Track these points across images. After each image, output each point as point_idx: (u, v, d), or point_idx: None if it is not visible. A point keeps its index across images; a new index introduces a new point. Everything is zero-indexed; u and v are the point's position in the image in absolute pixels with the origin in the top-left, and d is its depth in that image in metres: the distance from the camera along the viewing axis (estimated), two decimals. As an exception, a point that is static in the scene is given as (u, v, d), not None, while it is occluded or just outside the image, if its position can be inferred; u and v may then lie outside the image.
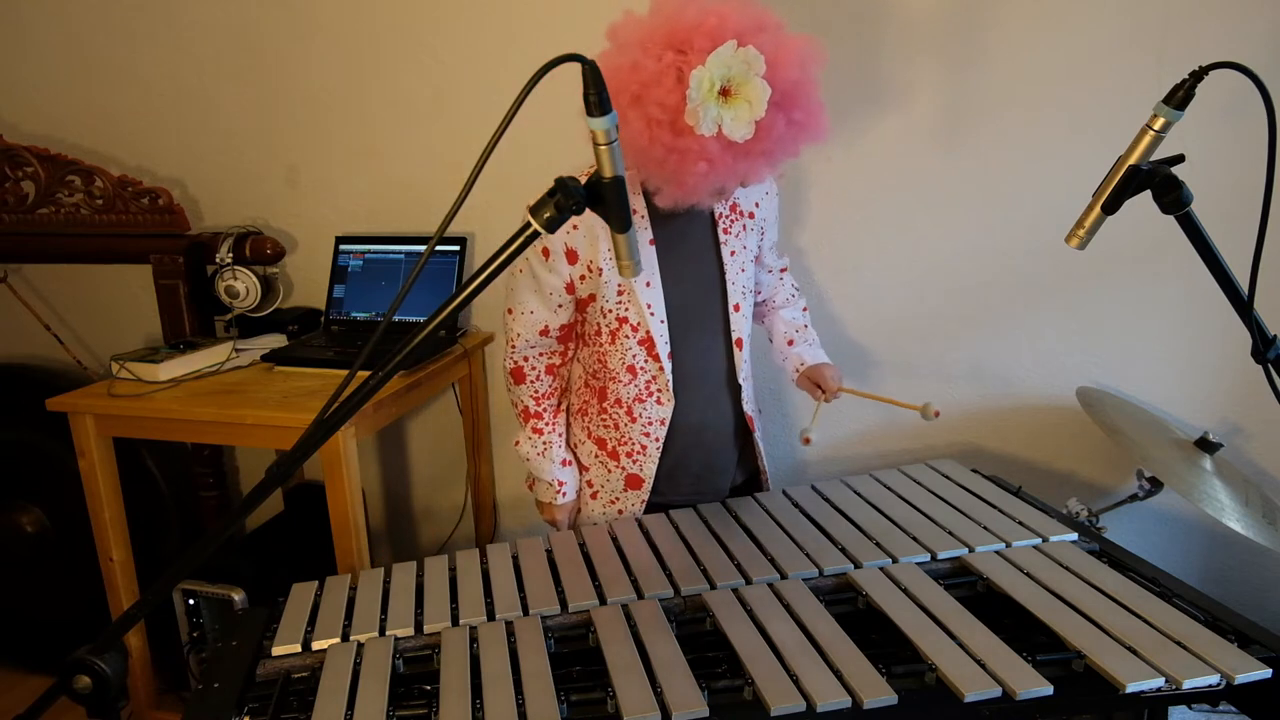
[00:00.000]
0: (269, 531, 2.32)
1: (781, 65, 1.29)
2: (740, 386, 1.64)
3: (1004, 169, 1.95)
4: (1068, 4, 1.84)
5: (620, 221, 1.05)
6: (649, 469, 1.62)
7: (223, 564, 2.03)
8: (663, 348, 1.54)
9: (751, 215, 1.60)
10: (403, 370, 1.94)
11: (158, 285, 2.25)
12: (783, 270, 1.82)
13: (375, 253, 2.24)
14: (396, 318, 2.19)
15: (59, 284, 2.59)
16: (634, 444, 1.61)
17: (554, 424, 1.67)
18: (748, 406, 1.66)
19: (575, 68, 0.94)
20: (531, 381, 1.64)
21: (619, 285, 1.51)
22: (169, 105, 2.38)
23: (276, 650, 1.27)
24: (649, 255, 1.52)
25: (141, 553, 2.07)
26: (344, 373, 1.53)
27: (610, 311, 1.54)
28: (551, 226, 0.98)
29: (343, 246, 2.26)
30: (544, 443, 1.66)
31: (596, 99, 0.94)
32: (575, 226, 1.49)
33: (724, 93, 1.26)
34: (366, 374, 0.98)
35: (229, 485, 2.50)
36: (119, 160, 2.44)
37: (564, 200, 0.97)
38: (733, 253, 1.58)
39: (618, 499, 1.65)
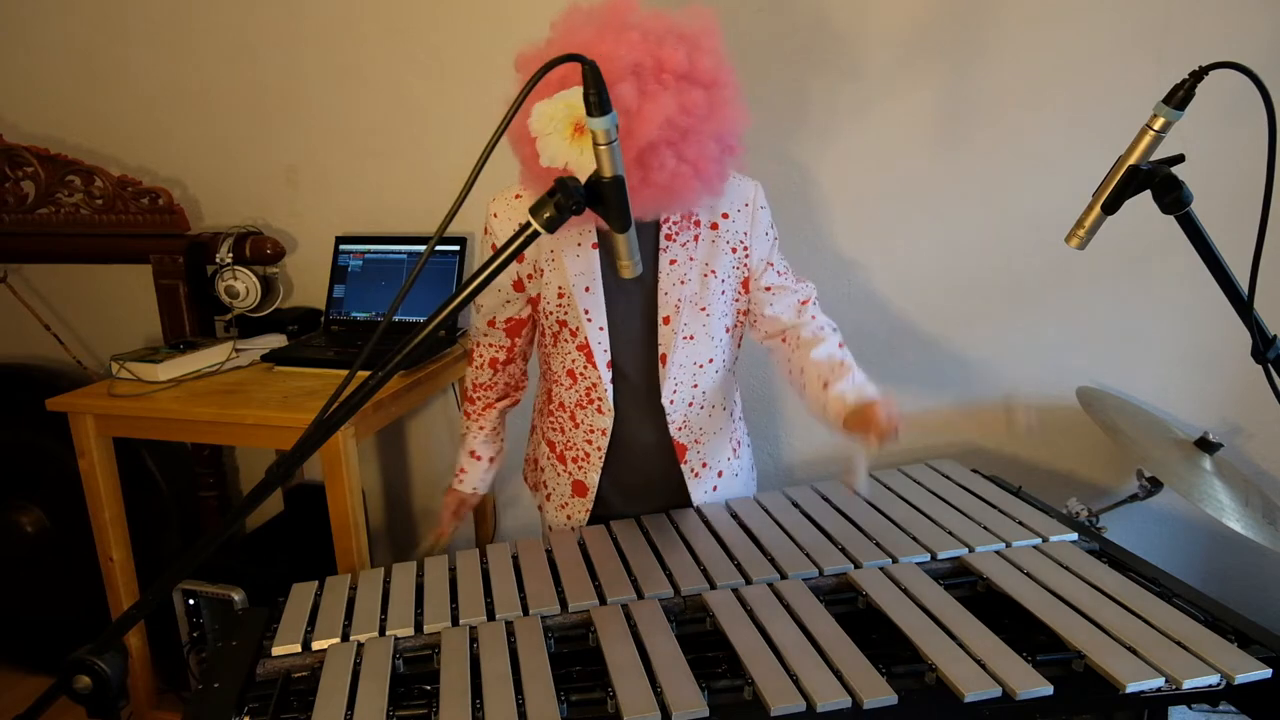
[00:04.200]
0: (269, 531, 2.32)
1: (641, 120, 1.20)
2: (663, 409, 1.52)
3: (1004, 169, 1.95)
4: (1068, 4, 1.84)
5: (620, 221, 1.04)
6: (593, 477, 1.57)
7: (223, 564, 2.03)
8: (600, 356, 1.48)
9: (714, 226, 1.48)
10: (403, 370, 1.94)
11: (158, 285, 2.25)
12: (803, 303, 1.56)
13: (375, 253, 2.24)
14: (396, 318, 2.19)
15: (59, 284, 2.59)
16: (578, 449, 1.58)
17: (481, 415, 1.66)
18: (676, 433, 1.54)
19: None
20: (476, 368, 1.65)
21: (559, 288, 1.47)
22: (169, 105, 2.38)
23: (276, 650, 1.27)
24: (591, 260, 1.45)
25: (141, 553, 2.07)
26: (344, 373, 1.53)
27: (551, 314, 1.51)
28: (551, 226, 0.98)
29: (343, 246, 2.26)
30: (464, 428, 1.68)
31: (596, 99, 0.94)
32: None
33: (579, 129, 1.15)
34: (366, 374, 0.98)
35: (229, 485, 2.51)
36: (119, 160, 2.44)
37: (564, 200, 0.97)
38: (673, 261, 1.46)
39: (566, 504, 1.62)
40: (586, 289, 1.46)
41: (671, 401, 1.52)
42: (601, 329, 1.48)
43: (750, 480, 1.71)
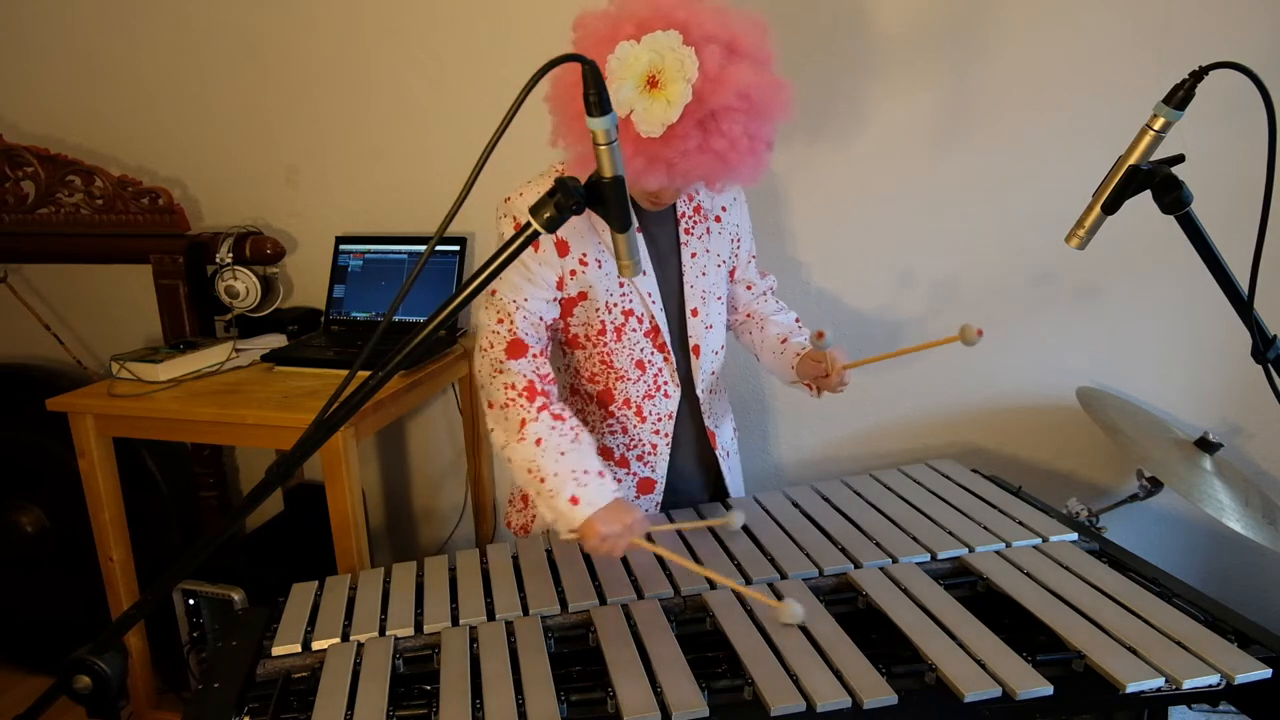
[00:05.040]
0: (269, 531, 2.32)
1: (720, 85, 1.21)
2: (697, 399, 1.58)
3: (1004, 169, 1.95)
4: (1068, 4, 1.84)
5: (620, 221, 1.04)
6: (661, 468, 1.58)
7: (223, 564, 2.03)
8: (667, 335, 1.51)
9: (718, 219, 1.56)
10: (403, 370, 1.93)
11: (158, 285, 2.25)
12: (770, 289, 1.72)
13: (375, 253, 2.24)
14: (396, 318, 2.19)
15: (59, 284, 2.59)
16: (644, 444, 1.57)
17: (569, 413, 1.39)
18: (707, 420, 1.61)
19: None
20: (534, 357, 1.40)
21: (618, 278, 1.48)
22: (169, 105, 2.38)
23: (276, 650, 1.27)
24: (639, 245, 1.42)
25: (141, 553, 2.07)
26: (344, 373, 1.53)
27: (615, 305, 1.48)
28: (552, 226, 0.98)
29: (343, 246, 2.26)
30: (572, 429, 1.35)
31: (596, 99, 0.94)
32: None
33: (651, 83, 1.21)
34: (366, 374, 0.99)
35: (229, 485, 2.51)
36: (119, 160, 2.44)
37: (564, 200, 0.97)
38: (693, 254, 1.52)
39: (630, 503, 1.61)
40: (644, 272, 1.43)
41: (701, 392, 1.57)
42: (662, 310, 1.50)
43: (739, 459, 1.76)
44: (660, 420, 1.56)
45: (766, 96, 1.27)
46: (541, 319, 1.45)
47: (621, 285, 1.48)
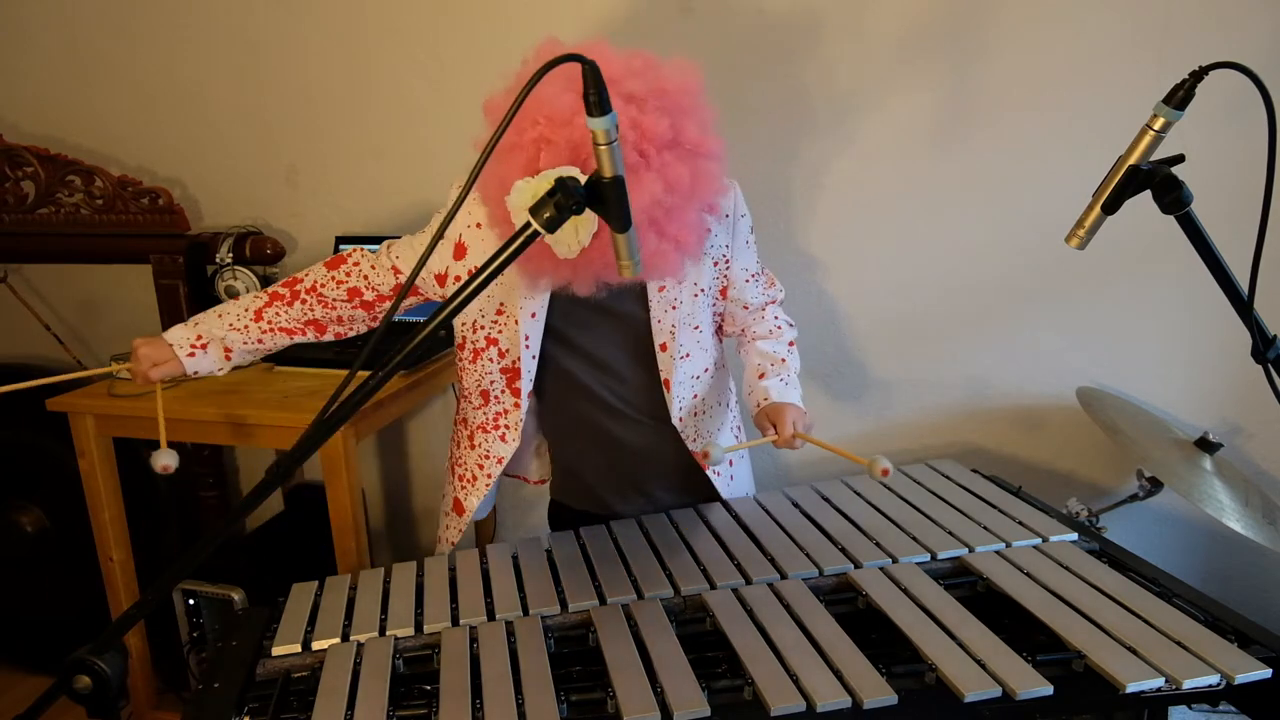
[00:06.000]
0: (269, 531, 2.32)
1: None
2: (674, 428, 1.51)
3: (1004, 169, 1.95)
4: (1068, 4, 1.84)
5: (619, 221, 1.04)
6: (472, 501, 1.55)
7: (223, 564, 2.03)
8: (526, 383, 1.45)
9: None
10: (403, 370, 1.94)
11: (158, 285, 2.25)
12: (770, 302, 1.61)
13: (375, 253, 2.24)
14: (396, 318, 2.19)
15: (59, 284, 2.59)
16: (468, 469, 1.55)
17: (286, 310, 1.48)
18: (693, 444, 1.54)
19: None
20: (333, 279, 1.48)
21: (501, 304, 1.44)
22: (169, 105, 2.38)
23: (276, 650, 1.27)
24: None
25: (141, 553, 2.07)
26: (344, 373, 1.52)
27: (481, 328, 1.45)
28: (552, 226, 0.98)
29: (343, 246, 2.26)
30: (253, 313, 1.48)
31: (596, 99, 0.94)
32: (479, 225, 1.40)
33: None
34: (366, 374, 0.99)
35: (229, 485, 2.51)
36: (119, 160, 2.44)
37: (564, 199, 0.97)
38: (661, 288, 1.44)
39: (448, 513, 1.61)
40: (533, 315, 1.43)
41: (681, 420, 1.52)
42: (534, 357, 1.45)
43: (749, 463, 1.72)
44: (487, 459, 1.52)
45: (679, 198, 1.23)
46: (404, 268, 1.49)
47: (500, 313, 1.44)
